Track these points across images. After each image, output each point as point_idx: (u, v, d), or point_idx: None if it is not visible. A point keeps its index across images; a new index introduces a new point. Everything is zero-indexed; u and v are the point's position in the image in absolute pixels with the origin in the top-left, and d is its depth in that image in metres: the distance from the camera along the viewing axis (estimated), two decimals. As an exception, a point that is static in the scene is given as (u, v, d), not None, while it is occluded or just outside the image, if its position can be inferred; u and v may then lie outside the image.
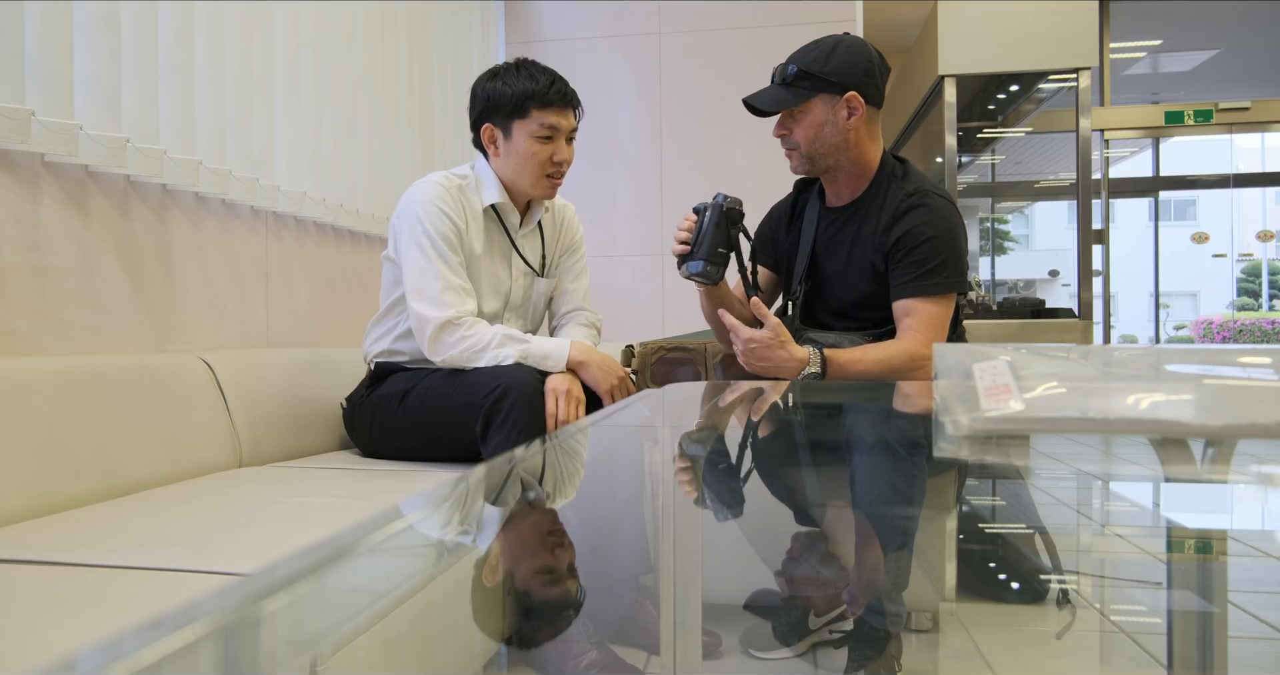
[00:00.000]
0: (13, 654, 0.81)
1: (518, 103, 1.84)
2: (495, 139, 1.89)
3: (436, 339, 1.77)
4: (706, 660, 0.36)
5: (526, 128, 1.85)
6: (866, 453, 0.86)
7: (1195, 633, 0.41)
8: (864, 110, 1.70)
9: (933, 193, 1.70)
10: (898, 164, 1.78)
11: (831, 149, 1.73)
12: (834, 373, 1.62)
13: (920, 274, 1.66)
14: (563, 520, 0.58)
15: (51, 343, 1.56)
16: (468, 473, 0.57)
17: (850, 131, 1.71)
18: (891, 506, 0.63)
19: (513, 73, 1.86)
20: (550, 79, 1.86)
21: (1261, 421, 0.58)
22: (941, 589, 0.46)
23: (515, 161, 1.88)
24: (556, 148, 1.88)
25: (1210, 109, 6.34)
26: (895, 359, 1.62)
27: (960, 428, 0.63)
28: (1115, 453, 0.77)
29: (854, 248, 1.76)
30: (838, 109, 1.70)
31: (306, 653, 0.30)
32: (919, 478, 0.74)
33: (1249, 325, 10.28)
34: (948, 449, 0.69)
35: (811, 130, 1.73)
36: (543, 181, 1.90)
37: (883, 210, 1.72)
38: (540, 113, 1.84)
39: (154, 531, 1.25)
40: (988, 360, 0.67)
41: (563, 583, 0.45)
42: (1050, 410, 0.62)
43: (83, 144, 1.57)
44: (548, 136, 1.86)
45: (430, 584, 0.41)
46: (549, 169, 1.89)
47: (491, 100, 1.86)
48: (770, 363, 1.61)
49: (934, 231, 1.66)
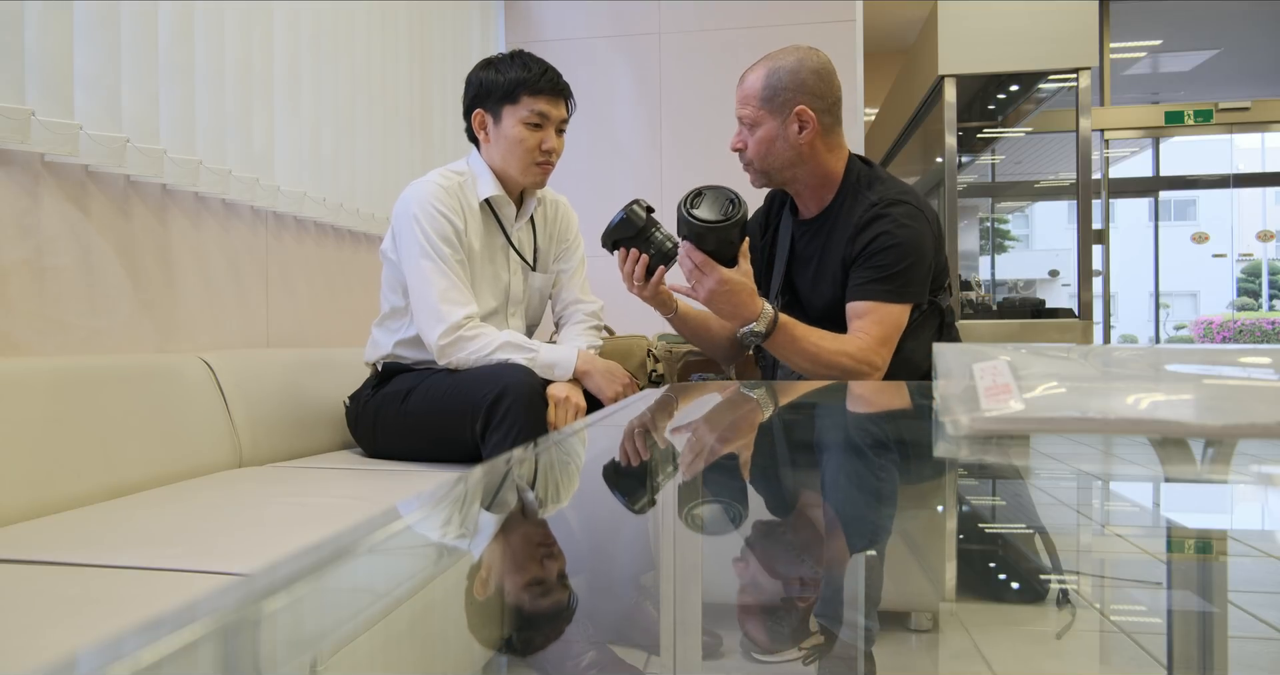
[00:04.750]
0: (13, 654, 0.81)
1: (509, 88, 1.86)
2: (485, 124, 1.91)
3: (442, 350, 1.80)
4: (706, 660, 0.36)
5: (516, 113, 1.87)
6: (867, 453, 0.86)
7: (1195, 633, 0.41)
8: (815, 123, 1.68)
9: (899, 201, 1.67)
10: (865, 170, 1.76)
11: (785, 163, 1.72)
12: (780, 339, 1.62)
13: (878, 278, 1.65)
14: (561, 521, 0.58)
15: (51, 343, 1.56)
16: (467, 473, 0.57)
17: (804, 145, 1.69)
18: (891, 506, 0.63)
19: (507, 61, 1.89)
20: (543, 68, 1.89)
21: (1261, 421, 0.58)
22: (941, 589, 0.46)
23: (504, 147, 1.89)
24: (546, 135, 1.90)
25: (1210, 109, 6.34)
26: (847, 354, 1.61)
27: (960, 428, 0.63)
28: (1115, 453, 0.77)
29: (823, 259, 1.76)
30: (788, 124, 1.69)
31: (306, 653, 0.30)
32: (919, 478, 0.74)
33: (1249, 325, 10.28)
34: (948, 449, 0.69)
35: (763, 146, 1.71)
36: (532, 169, 1.91)
37: (850, 221, 1.71)
38: (531, 99, 1.86)
39: (154, 531, 1.25)
40: (988, 360, 0.67)
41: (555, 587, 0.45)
42: (1050, 410, 0.62)
43: (83, 144, 1.57)
44: (537, 124, 1.88)
45: (430, 584, 0.41)
46: (538, 157, 1.90)
47: (484, 86, 1.89)
48: (733, 308, 1.62)
49: (895, 240, 1.64)
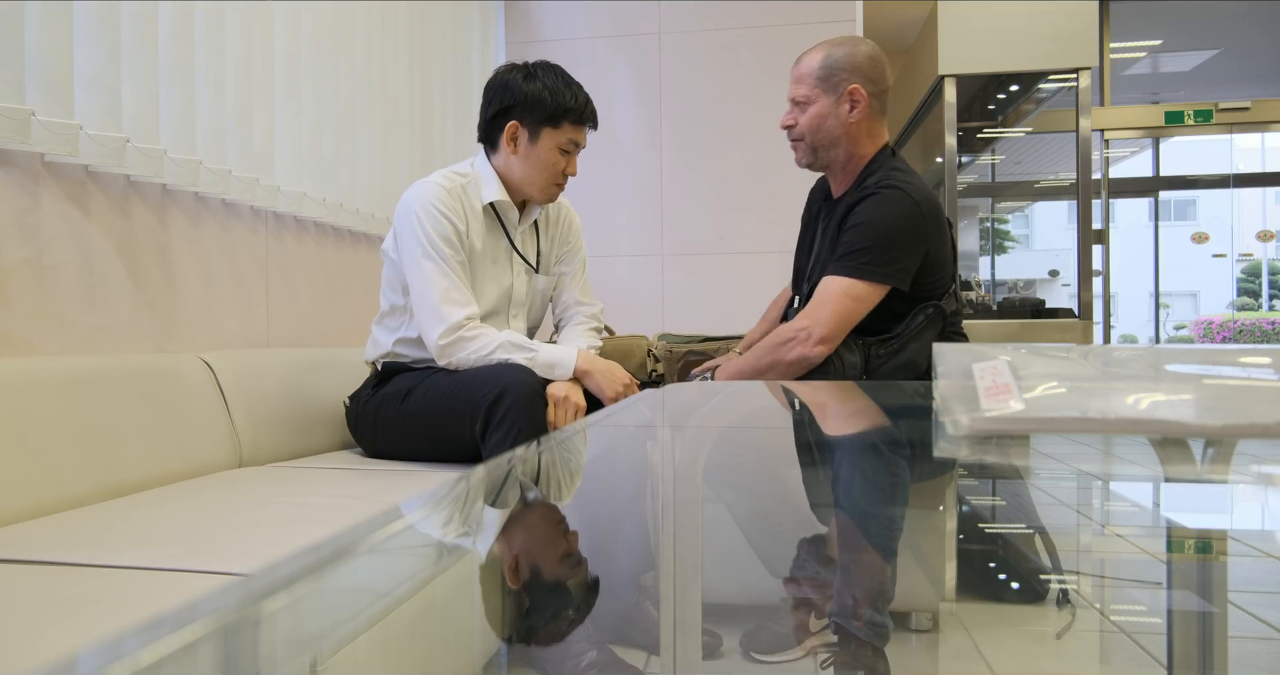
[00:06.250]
0: (13, 654, 0.81)
1: (555, 113, 1.88)
2: (518, 138, 1.91)
3: (442, 351, 1.80)
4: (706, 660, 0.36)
5: (555, 139, 1.90)
6: (866, 453, 0.86)
7: (1195, 633, 0.41)
8: (866, 105, 1.73)
9: (891, 186, 1.70)
10: (888, 160, 1.79)
11: (832, 141, 1.76)
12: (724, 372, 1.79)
13: (841, 255, 1.68)
14: (562, 520, 0.58)
15: (51, 343, 1.56)
16: (468, 473, 0.57)
17: (851, 125, 1.74)
18: (891, 507, 0.63)
19: (552, 77, 1.90)
20: (586, 98, 1.93)
21: (1261, 421, 0.58)
22: (941, 589, 0.46)
23: (534, 166, 1.91)
24: (570, 161, 1.94)
25: (1210, 109, 6.34)
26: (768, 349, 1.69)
27: (960, 428, 0.63)
28: (1115, 453, 0.77)
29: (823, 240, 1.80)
30: (840, 102, 1.72)
31: (306, 653, 0.30)
32: (919, 478, 0.74)
33: (1249, 325, 10.28)
34: (948, 449, 0.69)
35: (814, 121, 1.75)
36: (550, 189, 1.95)
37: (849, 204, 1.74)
38: (573, 128, 1.91)
39: (154, 531, 1.25)
40: (988, 360, 0.67)
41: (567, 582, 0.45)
42: (1050, 410, 0.62)
43: (83, 144, 1.57)
44: (568, 150, 1.93)
45: (430, 584, 0.41)
46: (559, 179, 1.95)
47: (529, 100, 1.88)
48: None
49: (868, 218, 1.67)
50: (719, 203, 3.65)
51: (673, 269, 3.69)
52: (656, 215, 3.72)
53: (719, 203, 3.65)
